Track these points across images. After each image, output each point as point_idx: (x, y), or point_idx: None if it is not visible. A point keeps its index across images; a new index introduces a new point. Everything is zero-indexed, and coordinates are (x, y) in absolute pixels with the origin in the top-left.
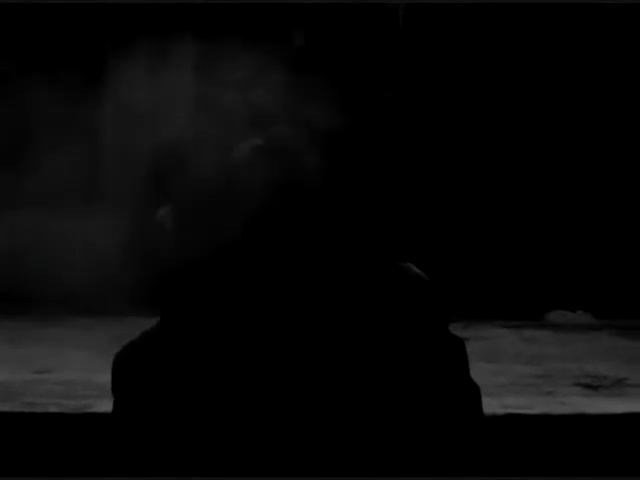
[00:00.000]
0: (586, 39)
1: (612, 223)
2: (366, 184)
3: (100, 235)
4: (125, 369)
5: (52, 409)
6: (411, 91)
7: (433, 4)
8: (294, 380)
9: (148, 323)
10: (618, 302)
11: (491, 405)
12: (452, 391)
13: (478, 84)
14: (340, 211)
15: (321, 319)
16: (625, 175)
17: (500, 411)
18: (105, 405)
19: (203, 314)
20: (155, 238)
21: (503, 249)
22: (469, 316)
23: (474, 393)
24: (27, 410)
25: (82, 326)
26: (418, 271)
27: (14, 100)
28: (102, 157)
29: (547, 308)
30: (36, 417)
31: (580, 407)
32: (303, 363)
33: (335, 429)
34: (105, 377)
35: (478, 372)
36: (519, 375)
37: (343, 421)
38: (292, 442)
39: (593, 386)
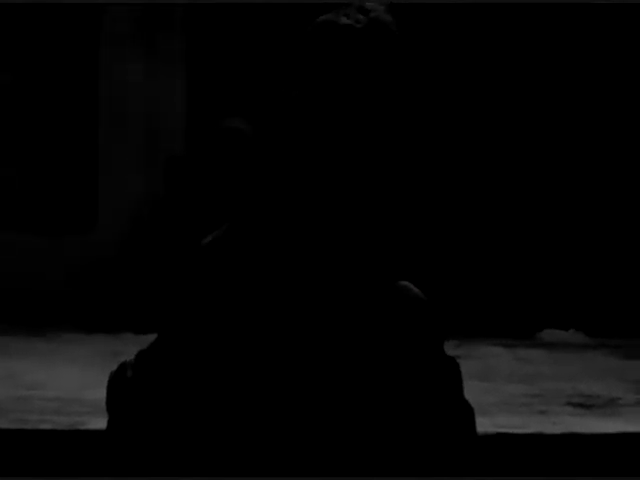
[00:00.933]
0: (586, 39)
1: (605, 242)
2: (375, 194)
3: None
4: (121, 387)
5: (44, 426)
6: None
7: (433, 4)
8: (290, 397)
9: (141, 339)
10: (611, 321)
11: (483, 424)
12: (446, 411)
13: (475, 86)
14: (346, 223)
15: (317, 336)
16: (618, 193)
17: (492, 430)
18: (98, 422)
19: (200, 332)
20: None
21: (496, 268)
22: (462, 334)
23: (468, 414)
24: (18, 427)
25: (73, 341)
26: (417, 291)
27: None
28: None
29: (539, 327)
30: (28, 434)
31: (573, 426)
32: (299, 382)
33: (331, 445)
34: (97, 393)
35: (471, 391)
36: (512, 394)
37: (338, 437)
38: (287, 460)
39: (586, 405)
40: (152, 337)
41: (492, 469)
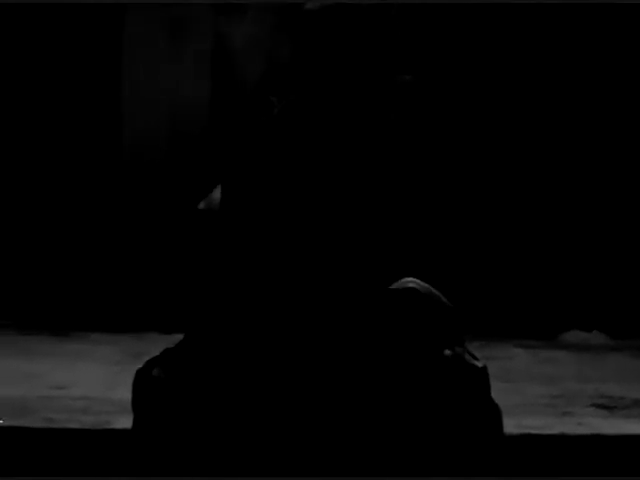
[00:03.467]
0: (586, 39)
1: (630, 244)
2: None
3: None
4: (147, 385)
5: (71, 425)
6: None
7: (434, 4)
8: (315, 403)
9: (166, 339)
10: (634, 322)
11: (507, 425)
12: (474, 412)
13: (476, 87)
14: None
15: (335, 341)
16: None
17: (516, 431)
18: (124, 421)
19: (226, 332)
20: (196, 232)
21: (519, 269)
22: (484, 336)
23: (495, 415)
24: (45, 426)
25: (99, 341)
26: (426, 286)
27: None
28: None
29: (562, 328)
30: (54, 433)
31: (597, 428)
32: (323, 387)
33: (353, 450)
34: (123, 393)
35: (493, 392)
36: (535, 395)
37: (359, 440)
38: (308, 460)
39: (609, 407)
40: (177, 337)
41: (517, 470)
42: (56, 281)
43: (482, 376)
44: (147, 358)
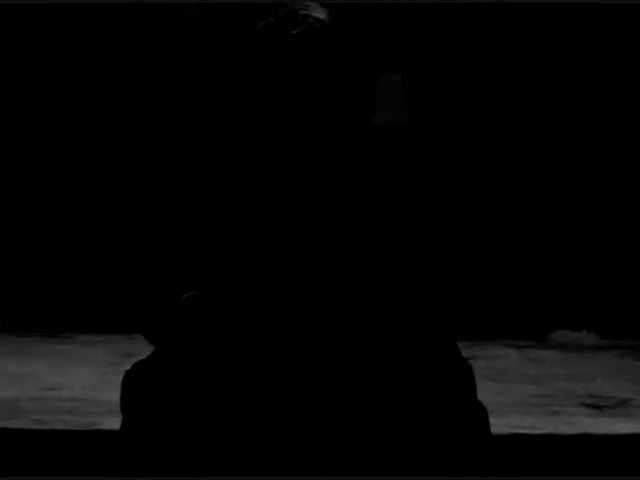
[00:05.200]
0: (586, 39)
1: (618, 243)
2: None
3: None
4: (135, 386)
5: (59, 426)
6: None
7: (434, 4)
8: (301, 401)
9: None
10: (623, 322)
11: (496, 425)
12: (459, 413)
13: (476, 88)
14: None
15: (326, 334)
16: (630, 194)
17: (505, 431)
18: (112, 422)
19: (211, 333)
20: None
21: (507, 269)
22: (473, 335)
23: (482, 415)
24: (34, 427)
25: (89, 342)
26: (421, 287)
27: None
28: None
29: (551, 328)
30: (43, 434)
31: (586, 427)
32: (310, 383)
33: (341, 447)
34: (111, 394)
35: (483, 392)
36: (524, 395)
37: (348, 439)
38: (297, 460)
39: (598, 406)
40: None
41: (506, 470)
42: (47, 282)
43: (468, 377)
44: (135, 359)
